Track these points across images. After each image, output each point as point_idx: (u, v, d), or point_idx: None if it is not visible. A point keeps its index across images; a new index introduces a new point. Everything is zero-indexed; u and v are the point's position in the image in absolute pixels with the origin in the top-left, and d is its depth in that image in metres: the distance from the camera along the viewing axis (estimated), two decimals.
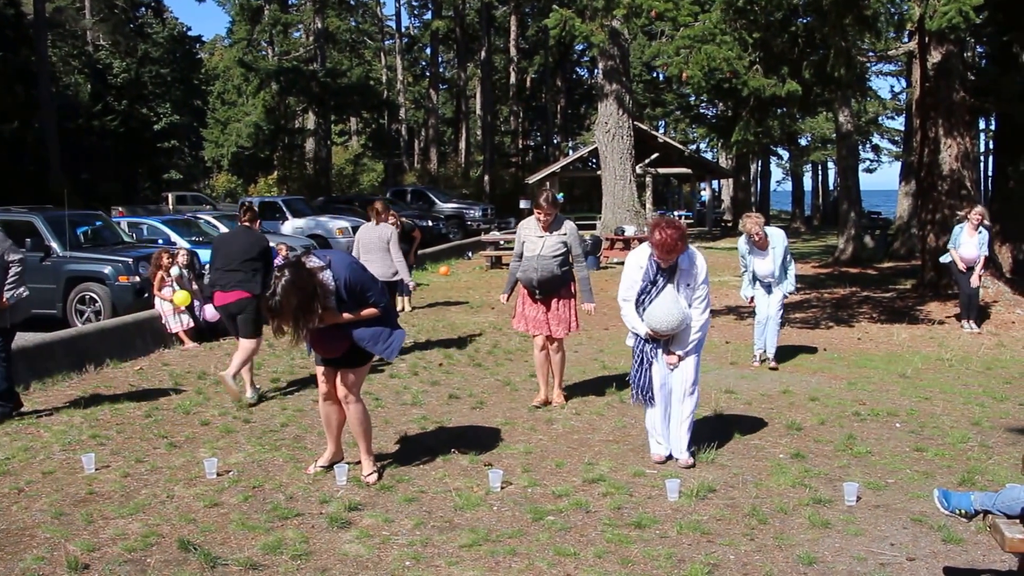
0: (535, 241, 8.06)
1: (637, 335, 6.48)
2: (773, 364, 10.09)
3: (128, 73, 47.19)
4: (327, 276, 5.62)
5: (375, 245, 10.48)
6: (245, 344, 8.62)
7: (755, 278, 10.11)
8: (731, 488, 6.00)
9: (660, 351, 6.45)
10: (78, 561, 4.77)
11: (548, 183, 37.94)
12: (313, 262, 5.63)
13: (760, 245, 9.86)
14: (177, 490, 5.99)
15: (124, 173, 45.77)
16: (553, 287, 8.07)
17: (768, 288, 10.09)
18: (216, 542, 5.11)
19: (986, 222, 12.69)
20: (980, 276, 12.74)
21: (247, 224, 9.20)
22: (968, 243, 12.58)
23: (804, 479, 6.14)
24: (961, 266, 12.66)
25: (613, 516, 5.49)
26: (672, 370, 6.43)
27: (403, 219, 15.18)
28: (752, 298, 10.28)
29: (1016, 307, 14.07)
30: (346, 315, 5.81)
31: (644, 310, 6.31)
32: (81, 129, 42.34)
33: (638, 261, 6.37)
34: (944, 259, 13.23)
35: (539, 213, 8.04)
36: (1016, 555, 4.35)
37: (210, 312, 12.27)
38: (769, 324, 10.09)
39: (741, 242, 10.10)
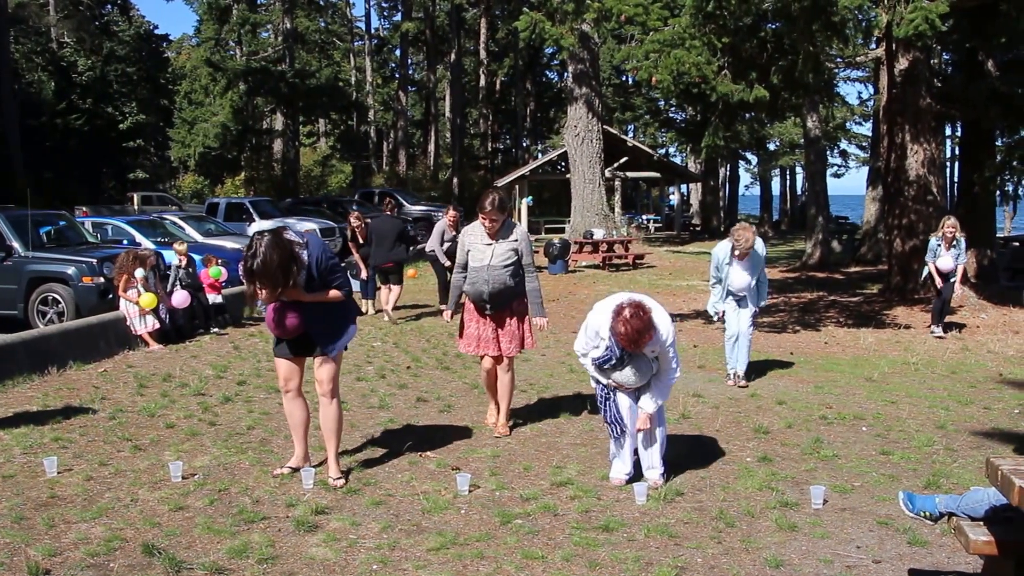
0: (482, 250, 7.22)
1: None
2: (743, 382, 9.53)
3: (93, 71, 46.81)
4: (304, 253, 5.70)
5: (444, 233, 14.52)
6: (397, 289, 14.20)
7: (728, 292, 9.48)
8: (698, 491, 6.01)
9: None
10: (39, 567, 4.69)
11: (517, 186, 37.98)
12: (291, 236, 5.70)
13: (743, 256, 9.25)
14: (141, 493, 5.91)
15: (88, 172, 45.39)
16: (505, 300, 7.28)
17: (740, 302, 9.53)
18: (181, 546, 5.04)
19: (959, 234, 12.62)
20: (956, 283, 12.74)
21: (389, 213, 14.62)
22: (946, 255, 12.60)
23: (771, 482, 6.16)
24: (938, 282, 12.64)
25: (581, 519, 5.48)
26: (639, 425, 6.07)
27: (367, 220, 15.20)
28: (722, 314, 9.68)
29: (981, 312, 14.24)
30: (312, 295, 5.86)
31: (607, 375, 5.98)
32: (45, 127, 41.94)
33: (598, 330, 5.88)
34: (923, 275, 13.19)
35: (483, 218, 7.16)
36: (980, 557, 4.39)
37: (178, 298, 12.14)
38: (741, 340, 9.52)
39: (722, 251, 9.34)
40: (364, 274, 14.63)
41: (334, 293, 5.96)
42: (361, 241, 14.67)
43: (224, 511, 5.60)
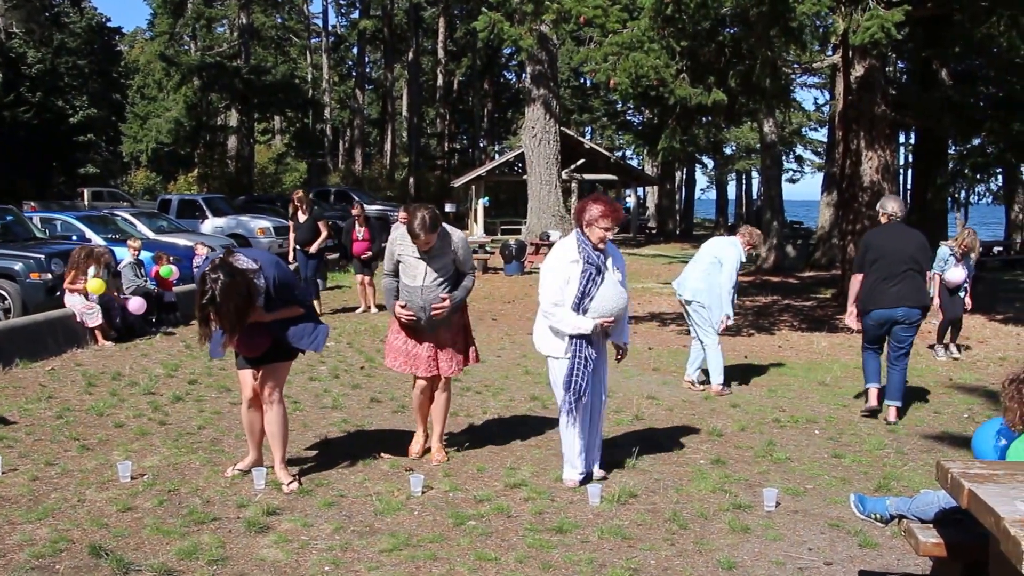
0: (414, 264, 6.35)
1: (571, 337, 5.89)
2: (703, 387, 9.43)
3: (43, 63, 46.01)
4: (259, 280, 5.57)
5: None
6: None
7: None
8: (652, 493, 6.02)
9: (596, 354, 5.97)
10: None
11: (473, 187, 37.92)
12: (243, 263, 5.52)
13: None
14: (89, 494, 5.80)
15: (37, 167, 44.60)
16: (445, 317, 6.45)
17: None
18: (129, 547, 4.96)
19: (978, 246, 11.87)
20: (967, 299, 11.80)
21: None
22: (957, 267, 11.50)
23: (724, 485, 6.18)
24: (937, 298, 11.47)
25: (534, 521, 5.46)
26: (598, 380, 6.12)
27: (312, 200, 15.35)
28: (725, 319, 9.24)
29: (932, 317, 14.35)
30: (272, 314, 5.74)
31: (592, 300, 5.80)
32: None
33: (568, 255, 5.85)
34: (930, 289, 11.15)
35: (417, 244, 6.25)
36: (930, 559, 4.44)
37: (135, 304, 11.99)
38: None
39: (740, 257, 9.12)
40: (289, 247, 14.76)
41: (295, 309, 5.90)
42: (302, 218, 14.27)
43: (173, 512, 5.51)
